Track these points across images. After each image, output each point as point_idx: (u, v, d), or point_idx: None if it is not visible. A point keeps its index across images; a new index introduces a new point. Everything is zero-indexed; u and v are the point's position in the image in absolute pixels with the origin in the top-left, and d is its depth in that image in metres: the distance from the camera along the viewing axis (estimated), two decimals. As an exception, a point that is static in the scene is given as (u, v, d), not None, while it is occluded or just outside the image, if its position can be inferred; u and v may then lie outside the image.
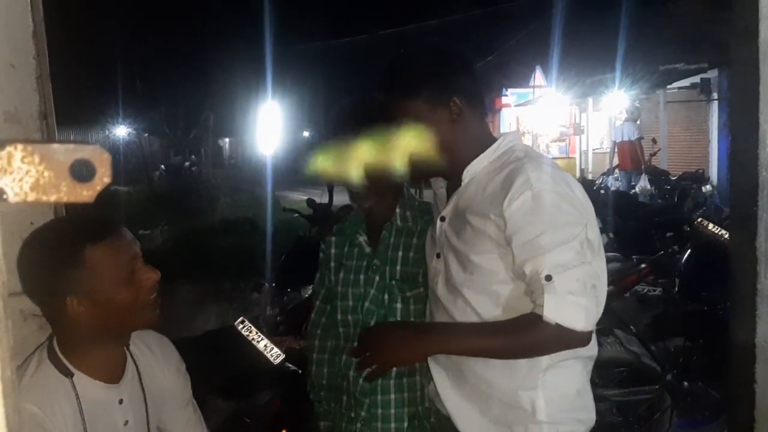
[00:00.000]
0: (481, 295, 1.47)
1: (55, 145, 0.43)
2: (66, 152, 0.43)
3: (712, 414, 3.48)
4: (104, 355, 1.43)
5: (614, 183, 10.04)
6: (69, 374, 1.37)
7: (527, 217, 1.36)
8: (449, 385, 1.55)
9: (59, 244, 1.34)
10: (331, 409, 1.89)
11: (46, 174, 0.43)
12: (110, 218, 1.44)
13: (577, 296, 1.34)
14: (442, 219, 1.59)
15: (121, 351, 1.49)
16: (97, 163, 0.44)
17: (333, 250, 1.86)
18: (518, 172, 1.41)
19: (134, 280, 1.39)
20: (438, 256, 1.59)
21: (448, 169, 1.56)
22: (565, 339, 1.36)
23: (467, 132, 1.54)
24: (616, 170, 10.72)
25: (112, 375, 1.45)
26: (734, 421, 3.08)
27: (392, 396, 1.75)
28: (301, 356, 2.25)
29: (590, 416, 1.58)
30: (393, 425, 1.75)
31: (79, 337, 1.38)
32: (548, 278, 1.33)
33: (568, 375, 1.52)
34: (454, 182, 1.59)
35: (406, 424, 1.75)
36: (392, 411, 1.75)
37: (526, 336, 1.39)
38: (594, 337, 1.51)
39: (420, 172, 1.61)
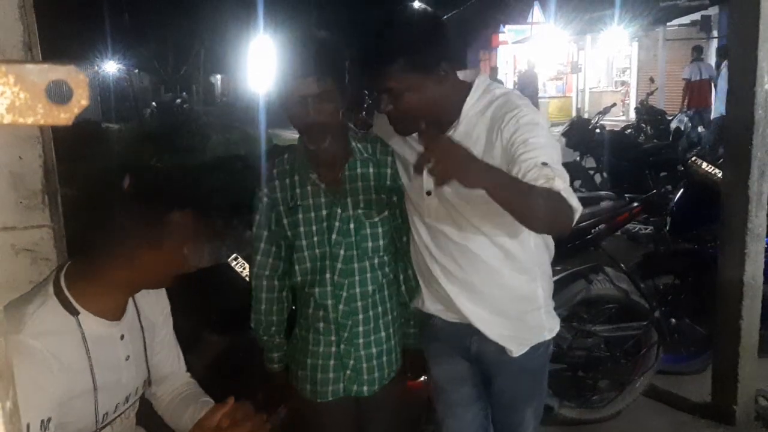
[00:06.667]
0: (486, 220, 1.68)
1: (30, 65, 0.41)
2: (42, 72, 0.42)
3: (698, 350, 3.57)
4: (115, 298, 1.47)
5: (684, 121, 9.84)
6: (75, 312, 1.39)
7: (526, 128, 1.56)
8: (466, 298, 1.79)
9: (153, 200, 1.42)
10: (282, 342, 2.03)
11: (21, 95, 0.42)
12: (194, 188, 1.58)
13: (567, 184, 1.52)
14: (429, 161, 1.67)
15: (129, 296, 1.54)
16: (73, 85, 0.42)
17: (279, 194, 1.86)
18: (510, 103, 1.63)
19: (184, 252, 1.49)
20: (429, 194, 1.76)
21: (435, 120, 1.68)
22: (569, 215, 1.50)
23: (449, 87, 1.67)
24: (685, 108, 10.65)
25: (115, 313, 1.49)
26: (719, 357, 3.17)
27: (371, 312, 1.90)
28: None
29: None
30: (372, 338, 1.91)
31: (104, 280, 1.42)
32: (545, 164, 1.49)
33: (548, 272, 1.88)
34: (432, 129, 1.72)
35: (383, 333, 1.93)
36: (371, 325, 1.90)
37: (549, 200, 1.49)
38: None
39: (409, 128, 1.71)
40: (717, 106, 9.54)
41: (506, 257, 1.75)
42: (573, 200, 1.50)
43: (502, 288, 1.79)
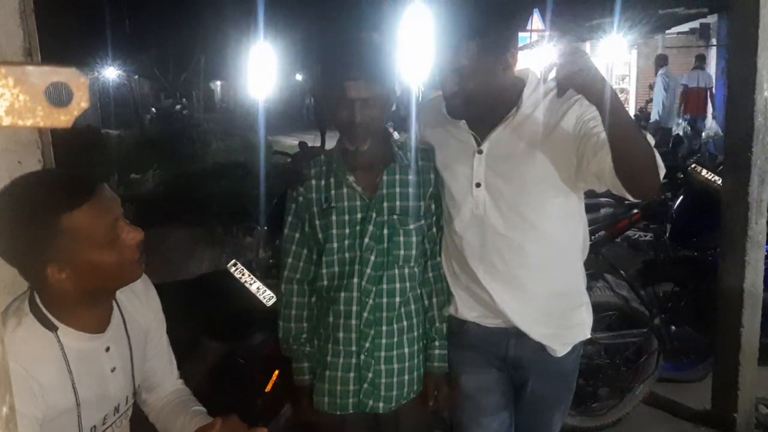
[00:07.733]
0: (537, 211, 1.73)
1: (30, 67, 0.41)
2: (41, 75, 0.41)
3: (698, 357, 3.56)
4: (90, 309, 1.41)
5: (681, 125, 10.33)
6: (53, 328, 1.34)
7: (591, 108, 1.59)
8: (510, 296, 1.80)
9: (34, 213, 1.26)
10: (314, 351, 1.93)
11: (21, 97, 0.41)
12: (89, 177, 1.36)
13: None
14: (479, 152, 1.78)
15: (107, 304, 1.47)
16: (74, 87, 0.42)
17: (314, 195, 1.84)
18: (569, 91, 1.57)
19: (117, 242, 1.35)
20: (478, 185, 1.77)
21: (492, 107, 1.74)
22: (657, 172, 1.54)
23: (510, 76, 1.73)
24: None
25: (98, 325, 1.43)
26: (720, 364, 3.16)
27: (395, 326, 1.85)
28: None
29: None
30: (395, 352, 1.86)
31: (64, 298, 1.35)
32: None
33: (583, 267, 1.90)
34: (480, 121, 1.77)
35: (406, 350, 1.88)
36: (395, 339, 1.86)
37: (645, 141, 1.52)
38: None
39: (464, 111, 1.75)
40: (660, 116, 9.87)
41: (554, 250, 1.78)
42: (659, 159, 1.55)
43: (548, 283, 1.80)
